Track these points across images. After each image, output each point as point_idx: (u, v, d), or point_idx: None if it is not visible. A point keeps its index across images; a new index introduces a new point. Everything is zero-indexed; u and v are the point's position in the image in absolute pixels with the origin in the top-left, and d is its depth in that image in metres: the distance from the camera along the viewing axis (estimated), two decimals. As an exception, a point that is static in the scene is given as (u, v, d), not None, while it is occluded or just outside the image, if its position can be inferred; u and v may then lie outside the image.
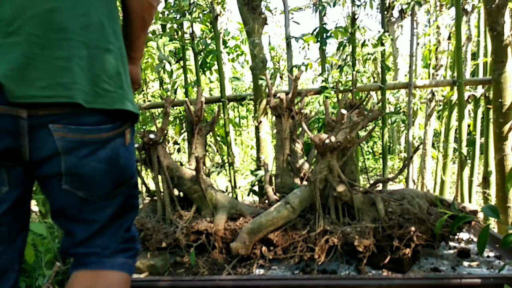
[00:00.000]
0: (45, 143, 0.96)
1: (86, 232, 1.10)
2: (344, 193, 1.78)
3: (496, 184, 2.93)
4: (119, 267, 1.14)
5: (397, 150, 9.10)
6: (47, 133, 0.95)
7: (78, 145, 0.99)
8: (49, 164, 0.99)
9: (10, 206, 0.99)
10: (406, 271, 1.74)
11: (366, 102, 2.27)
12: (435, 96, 4.81)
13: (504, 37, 2.72)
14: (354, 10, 3.23)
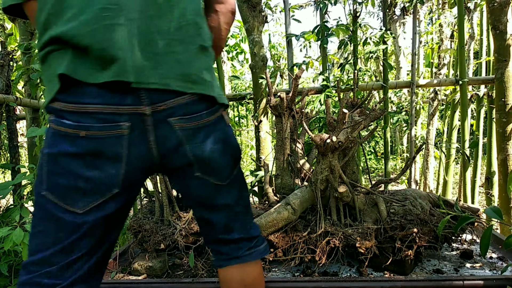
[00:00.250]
0: (168, 136, 1.05)
1: (223, 218, 1.21)
2: (346, 194, 1.75)
3: (499, 184, 2.90)
4: (260, 255, 1.28)
5: (399, 150, 9.08)
6: (168, 127, 1.05)
7: (194, 133, 1.09)
8: (178, 156, 1.09)
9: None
10: (408, 272, 1.72)
11: (368, 101, 2.24)
12: (437, 95, 4.78)
13: (507, 35, 2.69)
14: (355, 8, 3.20)
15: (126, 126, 0.99)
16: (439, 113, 5.38)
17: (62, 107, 0.98)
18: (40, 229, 1.03)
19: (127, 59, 0.98)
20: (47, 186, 1.01)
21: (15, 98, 3.13)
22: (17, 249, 2.26)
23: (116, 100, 0.98)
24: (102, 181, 1.01)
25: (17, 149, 3.23)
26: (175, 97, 1.05)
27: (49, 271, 1.03)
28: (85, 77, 0.96)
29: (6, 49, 3.27)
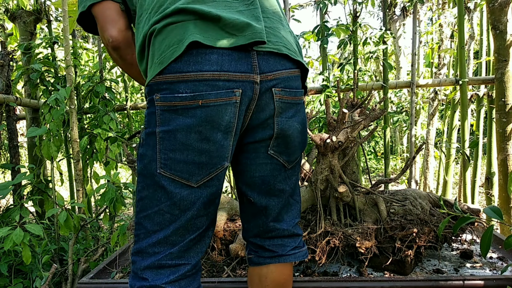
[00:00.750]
0: (266, 106, 1.11)
1: (278, 204, 1.25)
2: (346, 194, 1.75)
3: (499, 184, 2.90)
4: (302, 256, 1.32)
5: (399, 150, 9.07)
6: (270, 97, 1.11)
7: (288, 107, 1.15)
8: (264, 128, 1.15)
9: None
10: (408, 272, 1.72)
11: (368, 101, 2.24)
12: (437, 95, 4.78)
13: (507, 35, 2.69)
14: (355, 8, 3.20)
15: (238, 93, 1.04)
16: (439, 113, 5.38)
17: (175, 79, 1.01)
18: (154, 210, 1.07)
19: (257, 26, 1.06)
20: (162, 163, 1.04)
21: (15, 98, 3.13)
22: (17, 249, 2.26)
23: (232, 67, 1.02)
24: (215, 153, 1.06)
25: (17, 149, 3.23)
26: (281, 69, 1.11)
27: (172, 252, 1.08)
28: (218, 43, 1.01)
29: (6, 49, 3.26)
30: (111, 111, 3.22)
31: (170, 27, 1.04)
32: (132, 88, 5.74)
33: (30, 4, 3.49)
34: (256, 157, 1.19)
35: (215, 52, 1.01)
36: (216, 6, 1.06)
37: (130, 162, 1.98)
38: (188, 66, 1.00)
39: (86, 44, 5.03)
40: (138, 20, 1.16)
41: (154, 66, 1.04)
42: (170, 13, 1.04)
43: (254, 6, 1.12)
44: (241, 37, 1.03)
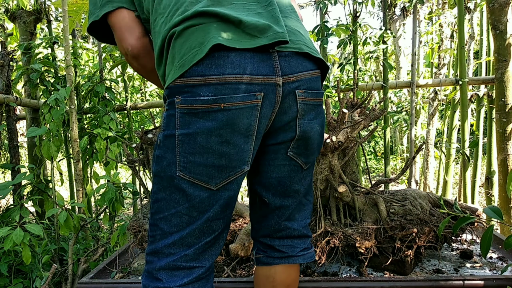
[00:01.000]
0: (289, 108, 1.11)
1: (291, 205, 1.26)
2: (345, 194, 1.75)
3: (499, 184, 2.90)
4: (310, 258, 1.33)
5: (399, 150, 9.07)
6: (293, 99, 1.10)
7: (310, 109, 1.15)
8: (286, 130, 1.15)
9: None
10: (408, 272, 1.72)
11: (368, 101, 2.24)
12: (437, 95, 4.78)
13: (507, 35, 2.69)
14: (355, 8, 3.20)
15: (260, 96, 1.03)
16: (439, 113, 5.38)
17: (197, 82, 1.00)
18: (171, 212, 1.07)
19: (278, 27, 1.07)
20: (181, 166, 1.05)
21: (15, 98, 3.13)
22: (17, 249, 2.26)
23: (254, 70, 1.02)
24: (235, 156, 1.06)
25: (17, 149, 3.23)
26: (303, 71, 1.11)
27: (187, 254, 1.09)
28: (241, 45, 1.01)
29: (6, 49, 3.26)
30: (111, 111, 3.22)
31: (191, 29, 1.03)
32: (132, 88, 5.74)
33: (30, 4, 3.49)
34: (275, 158, 1.19)
35: (237, 55, 1.01)
36: (235, 9, 1.07)
37: (130, 162, 1.98)
38: (210, 69, 1.00)
39: (86, 44, 5.03)
40: (153, 25, 1.15)
41: (174, 69, 1.03)
42: (190, 16, 1.04)
43: (272, 6, 1.12)
44: (263, 38, 1.03)
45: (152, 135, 1.88)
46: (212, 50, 0.99)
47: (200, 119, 1.01)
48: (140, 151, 1.95)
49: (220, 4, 1.06)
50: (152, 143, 1.89)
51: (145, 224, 1.90)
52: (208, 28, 1.02)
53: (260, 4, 1.12)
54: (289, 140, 1.16)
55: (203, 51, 0.99)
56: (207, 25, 1.03)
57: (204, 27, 1.02)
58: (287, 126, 1.14)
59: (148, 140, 1.88)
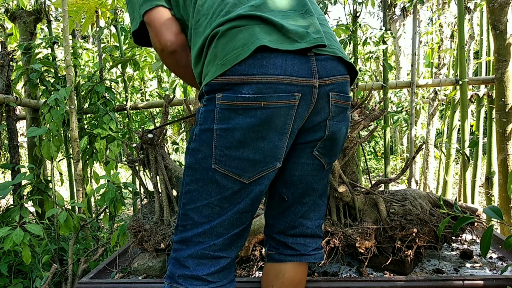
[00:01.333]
0: (322, 109, 1.16)
1: (308, 203, 1.30)
2: (346, 194, 1.75)
3: (499, 184, 2.90)
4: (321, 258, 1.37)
5: (399, 150, 9.07)
6: (326, 101, 1.15)
7: (340, 111, 1.21)
8: (316, 130, 1.19)
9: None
10: (408, 272, 1.72)
11: (368, 101, 2.24)
12: (437, 95, 4.78)
13: (507, 35, 2.69)
14: (355, 8, 3.20)
15: (298, 97, 1.08)
16: (439, 113, 5.38)
17: (239, 81, 1.05)
18: (203, 203, 1.13)
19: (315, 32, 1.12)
20: (217, 159, 1.10)
21: (15, 98, 3.12)
22: (17, 249, 2.26)
23: (294, 72, 1.07)
24: (269, 152, 1.11)
25: (17, 149, 3.23)
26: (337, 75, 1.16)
27: (215, 244, 1.14)
28: (283, 47, 1.06)
29: (6, 49, 3.27)
30: (111, 111, 3.21)
31: (234, 30, 1.08)
32: (132, 88, 5.74)
33: (30, 4, 3.49)
34: (300, 156, 1.23)
35: (279, 57, 1.05)
36: (274, 15, 1.11)
37: (130, 162, 1.98)
38: (253, 69, 1.04)
39: (86, 44, 5.04)
40: (195, 26, 1.19)
41: (216, 67, 1.07)
42: (234, 18, 1.08)
43: (309, 14, 1.17)
44: (303, 42, 1.08)
45: (152, 135, 1.88)
46: (256, 51, 1.04)
47: (240, 115, 1.06)
48: (140, 151, 1.95)
49: (260, 10, 1.11)
50: (152, 143, 1.89)
51: (144, 224, 1.90)
52: (252, 29, 1.07)
53: (298, 12, 1.17)
54: (317, 140, 1.21)
55: (246, 51, 1.03)
56: (251, 27, 1.07)
57: (248, 28, 1.07)
58: (317, 127, 1.18)
59: (148, 140, 1.88)
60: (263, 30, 1.07)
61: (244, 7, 1.11)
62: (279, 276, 1.32)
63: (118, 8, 3.57)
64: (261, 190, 1.16)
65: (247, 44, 1.04)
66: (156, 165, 1.91)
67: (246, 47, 1.04)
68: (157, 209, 1.95)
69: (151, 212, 2.02)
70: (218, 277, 1.16)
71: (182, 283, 1.14)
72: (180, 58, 1.29)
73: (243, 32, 1.07)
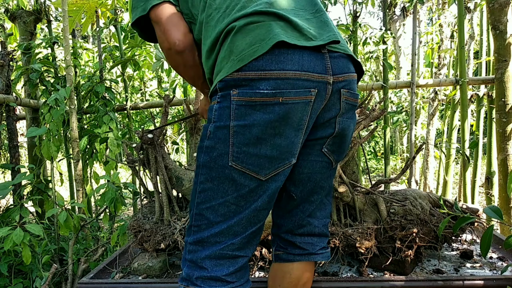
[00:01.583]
0: (333, 106, 1.16)
1: (315, 201, 1.31)
2: (346, 194, 1.75)
3: (499, 184, 2.90)
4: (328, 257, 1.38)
5: (399, 150, 9.07)
6: (338, 97, 1.16)
7: (350, 108, 1.21)
8: (326, 127, 1.20)
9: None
10: (408, 272, 1.72)
11: (368, 101, 2.24)
12: (437, 95, 4.78)
13: (507, 35, 2.69)
14: (355, 8, 3.20)
15: (314, 93, 1.09)
16: (439, 113, 5.38)
17: (256, 76, 1.04)
18: (219, 202, 1.11)
19: (328, 30, 1.15)
20: (234, 156, 1.08)
21: (15, 98, 3.12)
22: (17, 249, 2.26)
23: (311, 68, 1.07)
24: (285, 148, 1.11)
25: (17, 149, 3.23)
26: (348, 72, 1.17)
27: (233, 243, 1.13)
28: (301, 43, 1.06)
29: (6, 49, 3.26)
30: (111, 111, 3.21)
31: (252, 25, 1.08)
32: (132, 88, 5.74)
33: (30, 4, 3.49)
34: (309, 153, 1.23)
35: (296, 53, 1.06)
36: (288, 13, 1.12)
37: (130, 162, 1.98)
38: (271, 64, 1.04)
39: (86, 44, 5.04)
40: (207, 19, 1.18)
41: (231, 63, 1.07)
42: (250, 13, 1.08)
43: (319, 12, 1.20)
44: (318, 40, 1.10)
45: (152, 135, 1.88)
46: (273, 47, 1.04)
47: (257, 112, 1.05)
48: (140, 151, 1.95)
49: (275, 7, 1.12)
50: (152, 143, 1.89)
51: (145, 224, 1.90)
52: (269, 25, 1.07)
53: (308, 11, 1.19)
54: (327, 137, 1.21)
55: (264, 47, 1.03)
56: (268, 23, 1.08)
57: (265, 24, 1.07)
58: (328, 123, 1.19)
59: (148, 140, 1.88)
60: (279, 27, 1.07)
61: (260, 3, 1.11)
62: (286, 276, 1.32)
63: (118, 8, 3.57)
64: (277, 186, 1.16)
65: (265, 39, 1.04)
66: (156, 165, 1.91)
67: (264, 42, 1.04)
68: (157, 209, 1.95)
69: (151, 212, 2.02)
70: (236, 277, 1.16)
71: (200, 285, 1.12)
72: (187, 58, 1.28)
73: (260, 28, 1.07)
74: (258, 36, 1.05)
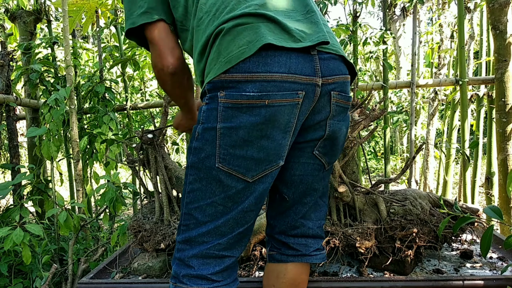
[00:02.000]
0: (323, 108, 1.16)
1: (308, 203, 1.30)
2: (346, 194, 1.75)
3: (499, 184, 2.90)
4: (323, 259, 1.37)
5: (399, 150, 9.07)
6: (328, 100, 1.15)
7: (341, 111, 1.21)
8: (316, 129, 1.19)
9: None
10: (408, 272, 1.72)
11: (368, 101, 2.24)
12: (437, 95, 4.78)
13: (507, 35, 2.69)
14: (355, 8, 3.20)
15: (302, 95, 1.08)
16: (439, 113, 5.38)
17: (242, 78, 1.05)
18: (207, 202, 1.13)
19: (317, 31, 1.14)
20: (221, 158, 1.10)
21: (15, 98, 3.12)
22: (17, 249, 2.26)
23: (298, 70, 1.07)
24: (273, 151, 1.11)
25: (17, 149, 3.23)
26: (339, 74, 1.16)
27: (220, 243, 1.14)
28: (288, 44, 1.06)
29: (6, 49, 3.26)
30: (111, 111, 3.21)
31: (240, 27, 1.08)
32: (132, 88, 5.74)
33: (30, 4, 3.49)
34: (300, 156, 1.24)
35: (283, 55, 1.06)
36: (278, 15, 1.12)
37: (130, 162, 1.98)
38: (257, 67, 1.04)
39: (86, 44, 5.04)
40: (197, 23, 1.18)
41: (219, 65, 1.07)
42: (239, 15, 1.09)
43: (310, 14, 1.19)
44: (306, 41, 1.10)
45: (152, 135, 1.88)
46: (261, 49, 1.04)
47: (244, 114, 1.06)
48: (140, 151, 1.95)
49: (265, 9, 1.11)
50: (152, 143, 1.89)
51: (145, 224, 1.90)
52: (257, 27, 1.07)
53: (299, 12, 1.18)
54: (317, 139, 1.21)
55: (251, 49, 1.03)
56: (256, 25, 1.07)
57: (253, 26, 1.07)
58: (318, 125, 1.19)
59: (148, 140, 1.88)
60: (267, 28, 1.07)
61: (249, 5, 1.11)
62: (280, 276, 1.32)
63: (118, 8, 3.57)
64: (264, 188, 1.16)
65: (252, 41, 1.04)
66: (156, 165, 1.91)
67: (251, 44, 1.04)
68: (157, 209, 1.95)
69: (151, 212, 2.02)
70: (223, 276, 1.17)
71: (187, 283, 1.14)
72: (177, 80, 1.29)
73: (248, 30, 1.07)
74: (246, 38, 1.05)
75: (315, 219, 1.35)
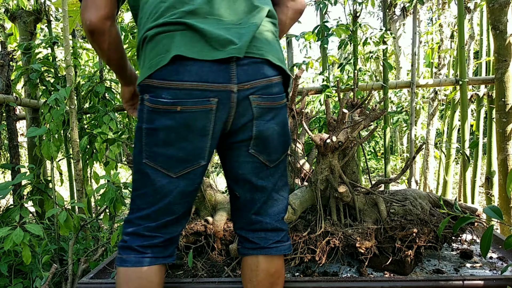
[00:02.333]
0: (246, 112, 1.21)
1: (260, 199, 1.34)
2: (346, 194, 1.75)
3: (499, 184, 2.90)
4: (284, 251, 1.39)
5: (399, 150, 9.07)
6: (248, 104, 1.20)
7: (266, 111, 1.25)
8: (244, 131, 1.24)
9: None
10: (408, 272, 1.72)
11: (368, 101, 2.24)
12: (437, 95, 4.78)
13: (507, 35, 2.69)
14: (355, 8, 3.20)
15: (214, 101, 1.15)
16: (439, 113, 5.38)
17: (159, 85, 1.13)
18: (142, 192, 1.25)
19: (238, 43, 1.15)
20: (146, 154, 1.21)
21: (15, 98, 3.12)
22: (17, 249, 2.26)
23: (210, 78, 1.13)
24: (191, 151, 1.19)
25: (17, 149, 3.23)
26: (259, 78, 1.20)
27: (149, 226, 1.26)
28: (201, 56, 1.12)
29: (6, 49, 3.26)
30: (111, 111, 3.21)
31: (159, 36, 1.15)
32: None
33: (30, 4, 3.49)
34: (238, 155, 1.30)
35: (196, 64, 1.12)
36: (205, 22, 1.15)
37: (130, 162, 1.98)
38: (171, 75, 1.12)
39: (86, 44, 5.04)
40: (139, 21, 1.26)
41: (144, 69, 1.17)
42: (161, 24, 1.15)
43: (242, 26, 1.20)
44: (222, 51, 1.13)
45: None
46: (174, 58, 1.11)
47: (162, 117, 1.15)
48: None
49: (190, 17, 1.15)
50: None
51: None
52: (172, 37, 1.13)
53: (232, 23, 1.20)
54: (248, 139, 1.26)
55: (165, 59, 1.11)
56: (172, 34, 1.13)
57: (170, 35, 1.14)
58: (245, 127, 1.24)
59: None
60: (184, 38, 1.12)
61: (175, 13, 1.15)
62: (253, 268, 1.37)
63: (118, 8, 3.56)
64: (188, 183, 1.24)
65: (169, 51, 1.11)
66: (156, 165, 1.90)
67: (167, 53, 1.11)
68: (157, 209, 1.94)
69: (151, 212, 2.01)
70: (152, 251, 1.26)
71: (121, 253, 1.27)
72: (98, 41, 1.30)
73: (166, 38, 1.13)
74: (164, 47, 1.13)
75: (272, 214, 1.38)
